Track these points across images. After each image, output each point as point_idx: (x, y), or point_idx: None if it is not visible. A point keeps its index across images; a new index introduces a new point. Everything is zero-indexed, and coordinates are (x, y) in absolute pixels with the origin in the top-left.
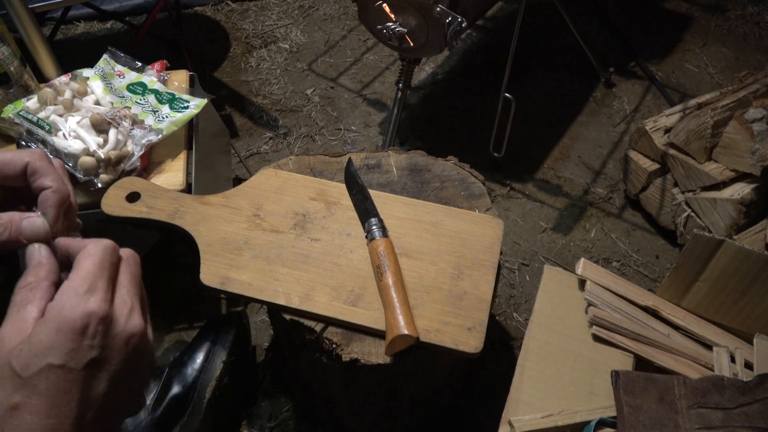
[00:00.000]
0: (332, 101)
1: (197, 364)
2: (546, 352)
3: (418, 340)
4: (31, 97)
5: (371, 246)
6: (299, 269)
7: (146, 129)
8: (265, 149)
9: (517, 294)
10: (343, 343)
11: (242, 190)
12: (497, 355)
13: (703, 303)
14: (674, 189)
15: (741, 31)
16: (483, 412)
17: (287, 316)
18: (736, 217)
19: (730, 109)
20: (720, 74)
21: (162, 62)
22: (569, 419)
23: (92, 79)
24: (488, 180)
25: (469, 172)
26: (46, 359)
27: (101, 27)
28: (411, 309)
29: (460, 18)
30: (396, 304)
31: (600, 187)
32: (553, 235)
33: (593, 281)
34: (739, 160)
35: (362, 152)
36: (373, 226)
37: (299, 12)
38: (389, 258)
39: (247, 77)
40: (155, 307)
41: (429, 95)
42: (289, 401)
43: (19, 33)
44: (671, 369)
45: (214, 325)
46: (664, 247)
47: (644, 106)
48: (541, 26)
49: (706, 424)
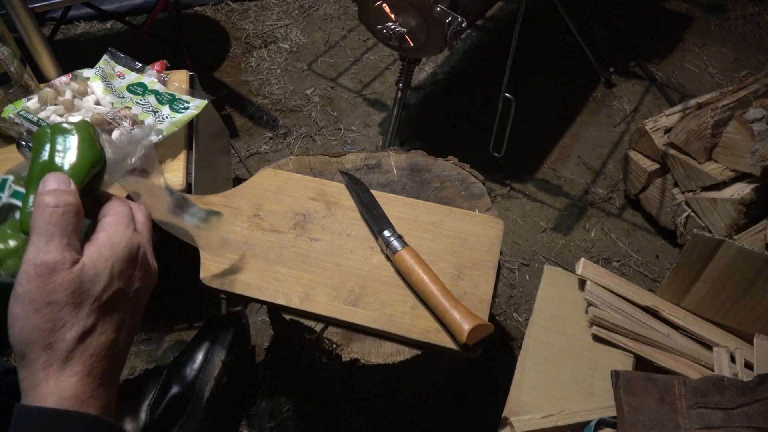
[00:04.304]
0: (332, 101)
1: (196, 364)
2: (546, 352)
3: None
4: (31, 97)
5: (397, 258)
6: (299, 269)
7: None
8: (265, 149)
9: (517, 294)
10: (343, 343)
11: (242, 190)
12: (497, 355)
13: (703, 303)
14: (674, 189)
15: (741, 31)
16: (483, 412)
17: (287, 316)
18: (736, 217)
19: (730, 109)
20: (720, 74)
21: (162, 62)
22: (569, 419)
23: (92, 79)
24: (488, 180)
25: (469, 172)
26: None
27: (101, 27)
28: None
29: (460, 18)
30: (452, 303)
31: (600, 187)
32: (553, 235)
33: (593, 281)
34: (739, 160)
35: (362, 152)
36: (392, 238)
37: (299, 12)
38: (421, 265)
39: (247, 77)
40: (155, 307)
41: (429, 95)
42: (289, 401)
43: (19, 33)
44: (671, 369)
45: (213, 325)
46: (664, 247)
47: (644, 106)
48: (541, 26)
49: (706, 424)
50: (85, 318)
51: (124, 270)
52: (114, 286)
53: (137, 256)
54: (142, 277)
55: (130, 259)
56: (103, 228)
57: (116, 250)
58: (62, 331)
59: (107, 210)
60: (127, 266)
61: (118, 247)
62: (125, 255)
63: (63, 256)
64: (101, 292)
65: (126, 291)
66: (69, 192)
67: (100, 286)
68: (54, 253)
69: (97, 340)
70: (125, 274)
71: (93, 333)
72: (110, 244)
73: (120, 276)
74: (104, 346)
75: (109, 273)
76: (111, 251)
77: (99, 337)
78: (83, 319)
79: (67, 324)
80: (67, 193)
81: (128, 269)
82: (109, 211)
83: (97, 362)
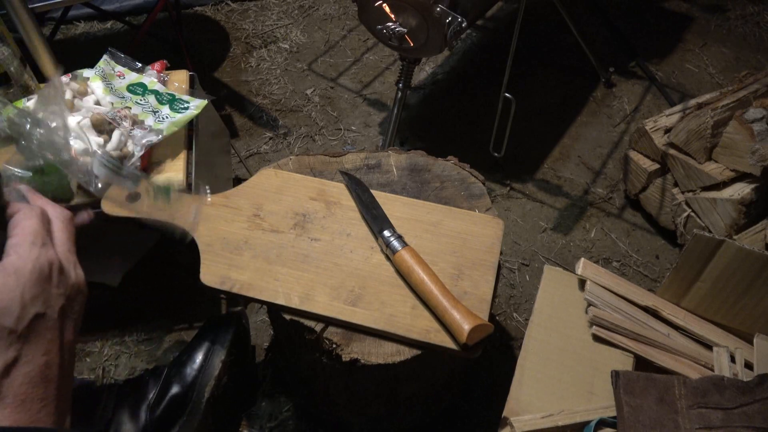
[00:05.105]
0: (332, 101)
1: (196, 364)
2: (546, 352)
3: (493, 327)
4: (31, 97)
5: (397, 258)
6: (299, 269)
7: (146, 129)
8: (265, 149)
9: (517, 294)
10: (343, 343)
11: (242, 190)
12: (497, 355)
13: (703, 303)
14: (674, 189)
15: (741, 31)
16: (483, 412)
17: (287, 316)
18: (736, 217)
19: (730, 109)
20: (720, 74)
21: (162, 62)
22: (569, 419)
23: (92, 79)
24: (488, 180)
25: (469, 172)
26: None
27: (101, 27)
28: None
29: (460, 18)
30: (452, 303)
31: (600, 187)
32: (553, 235)
33: (593, 281)
34: (739, 160)
35: (362, 152)
36: (392, 238)
37: (299, 12)
38: (421, 265)
39: (247, 77)
40: (155, 308)
41: (429, 95)
42: (289, 401)
43: (19, 33)
44: (671, 369)
45: (213, 325)
46: (664, 247)
47: (644, 106)
48: (541, 26)
49: (706, 424)
50: (4, 352)
51: (37, 295)
52: (29, 313)
53: (50, 274)
54: (63, 293)
55: (41, 281)
56: (6, 253)
57: (22, 276)
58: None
59: (12, 227)
60: (39, 290)
61: (24, 271)
62: (34, 278)
63: None
64: (15, 324)
65: (46, 314)
66: None
67: (11, 318)
68: None
69: (24, 369)
70: (39, 299)
71: (17, 364)
72: (14, 270)
73: (33, 302)
74: (35, 373)
75: (19, 302)
76: (16, 279)
77: (25, 366)
78: (2, 353)
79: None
80: None
81: (42, 292)
82: (14, 230)
83: (31, 389)
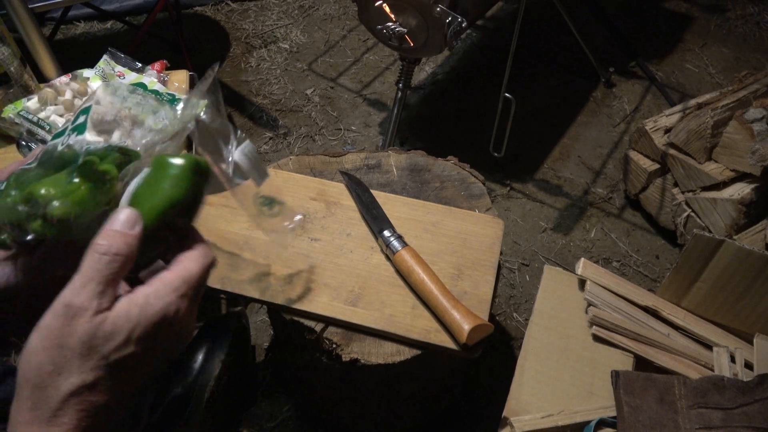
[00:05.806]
0: (332, 101)
1: (196, 364)
2: (546, 352)
3: (492, 327)
4: (31, 97)
5: (398, 258)
6: (299, 269)
7: (146, 129)
8: (265, 149)
9: (517, 294)
10: (343, 343)
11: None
12: (497, 355)
13: (703, 303)
14: (674, 189)
15: (741, 31)
16: (483, 412)
17: (287, 316)
18: (736, 217)
19: (730, 109)
20: (720, 74)
21: (162, 62)
22: (569, 419)
23: (92, 79)
24: (488, 180)
25: (469, 172)
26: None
27: (101, 27)
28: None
29: (460, 18)
30: (452, 303)
31: (600, 187)
32: (553, 235)
33: (593, 281)
34: (739, 160)
35: (362, 152)
36: (392, 238)
37: (299, 12)
38: (421, 265)
39: (247, 77)
40: None
41: (429, 95)
42: (289, 401)
43: (19, 33)
44: (671, 369)
45: (213, 325)
46: (664, 247)
47: (644, 106)
48: (541, 26)
49: (706, 424)
50: (87, 372)
51: (147, 336)
52: (128, 349)
53: (171, 323)
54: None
55: (158, 326)
56: (150, 283)
57: (146, 314)
58: (60, 378)
59: (174, 264)
60: (152, 333)
61: (150, 310)
62: (154, 321)
63: (90, 303)
64: (111, 352)
65: (143, 357)
66: (126, 238)
67: (112, 345)
68: (83, 298)
69: (92, 397)
70: (147, 341)
71: (92, 390)
72: (143, 304)
73: (139, 341)
74: (96, 405)
75: (126, 334)
76: (140, 312)
77: (95, 394)
78: (86, 372)
79: (66, 372)
80: (123, 239)
81: (151, 337)
82: (174, 266)
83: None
